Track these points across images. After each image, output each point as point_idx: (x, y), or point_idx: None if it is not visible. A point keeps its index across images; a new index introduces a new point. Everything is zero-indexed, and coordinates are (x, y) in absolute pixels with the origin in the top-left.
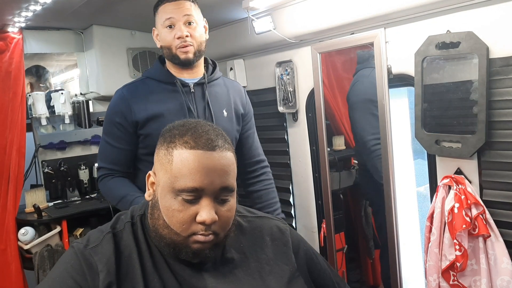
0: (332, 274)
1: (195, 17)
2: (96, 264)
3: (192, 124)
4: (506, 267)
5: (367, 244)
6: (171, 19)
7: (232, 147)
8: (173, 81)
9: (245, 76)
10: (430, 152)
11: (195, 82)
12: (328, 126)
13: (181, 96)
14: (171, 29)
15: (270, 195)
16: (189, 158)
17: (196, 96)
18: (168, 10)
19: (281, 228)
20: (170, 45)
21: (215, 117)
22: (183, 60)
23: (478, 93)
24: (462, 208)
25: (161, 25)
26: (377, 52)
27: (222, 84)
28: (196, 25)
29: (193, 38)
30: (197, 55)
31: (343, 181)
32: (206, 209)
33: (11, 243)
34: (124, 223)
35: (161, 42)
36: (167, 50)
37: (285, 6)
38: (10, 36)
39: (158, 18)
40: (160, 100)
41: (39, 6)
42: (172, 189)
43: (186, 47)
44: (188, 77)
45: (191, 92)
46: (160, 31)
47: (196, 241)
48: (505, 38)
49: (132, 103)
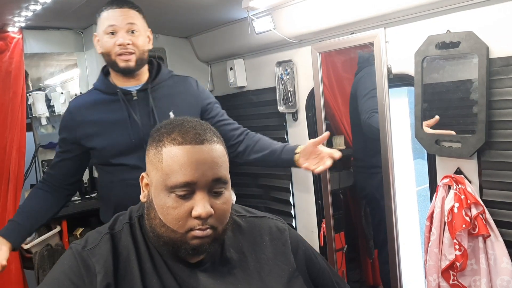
0: (331, 274)
1: (138, 25)
2: (94, 265)
3: (178, 121)
4: (506, 267)
5: (367, 243)
6: (114, 26)
7: (221, 140)
8: (114, 91)
9: (245, 76)
10: (430, 152)
11: (138, 89)
12: (328, 126)
13: (123, 106)
14: (112, 36)
15: (267, 139)
16: (178, 153)
17: (139, 103)
18: (111, 16)
19: (280, 227)
20: (110, 51)
21: (159, 121)
22: (123, 68)
23: (478, 93)
24: (462, 208)
25: (102, 31)
26: (377, 52)
27: (170, 85)
28: (139, 34)
29: (135, 46)
30: (138, 64)
31: (343, 181)
32: (200, 203)
33: None
34: (122, 224)
35: (101, 49)
36: (107, 57)
37: (285, 6)
38: (10, 36)
39: (100, 24)
40: (103, 112)
41: (39, 6)
42: (165, 187)
43: (127, 54)
44: (131, 84)
45: (134, 100)
46: (101, 37)
47: (194, 237)
48: (505, 38)
49: (76, 117)
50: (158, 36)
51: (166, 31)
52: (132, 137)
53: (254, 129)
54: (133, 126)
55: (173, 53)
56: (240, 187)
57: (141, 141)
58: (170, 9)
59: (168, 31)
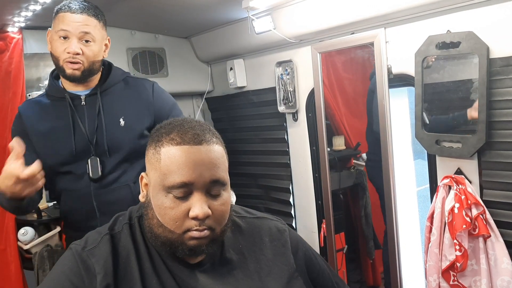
0: (331, 275)
1: (93, 34)
2: (94, 266)
3: (178, 122)
4: (506, 267)
5: (367, 244)
6: (66, 31)
7: (221, 141)
8: (63, 95)
9: (245, 76)
10: (430, 152)
11: (87, 94)
12: (328, 126)
13: (69, 112)
14: (64, 41)
15: None
16: (176, 154)
17: (88, 109)
18: (66, 20)
19: (279, 228)
20: (59, 56)
21: (107, 128)
22: (69, 75)
23: (479, 93)
24: (462, 208)
25: (55, 32)
26: (377, 52)
27: (121, 88)
28: (93, 43)
29: (85, 57)
30: (85, 74)
31: (343, 181)
32: (198, 203)
33: (11, 243)
34: (122, 224)
35: (51, 49)
36: (55, 60)
37: (285, 6)
38: (10, 36)
39: (54, 23)
40: (49, 117)
41: (39, 6)
42: (163, 187)
43: (74, 64)
44: (81, 89)
45: (82, 105)
46: (53, 38)
47: (191, 238)
48: (505, 38)
49: (26, 122)
50: (158, 36)
51: (166, 31)
52: (77, 144)
53: (254, 129)
54: (76, 133)
55: (173, 53)
56: (240, 187)
57: (88, 147)
58: (170, 9)
59: (168, 31)
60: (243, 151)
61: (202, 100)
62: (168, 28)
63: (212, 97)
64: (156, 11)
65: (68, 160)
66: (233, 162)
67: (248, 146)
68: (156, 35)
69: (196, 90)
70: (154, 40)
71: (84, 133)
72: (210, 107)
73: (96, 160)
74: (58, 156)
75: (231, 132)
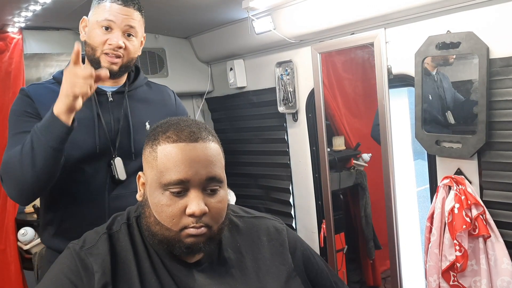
0: (330, 274)
1: (136, 29)
2: (92, 264)
3: (174, 121)
4: (506, 267)
5: (367, 244)
6: (111, 22)
7: (217, 139)
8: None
9: (245, 77)
10: (430, 152)
11: (114, 91)
12: (328, 126)
13: (93, 105)
14: (106, 31)
15: None
16: (172, 151)
17: (114, 106)
18: (113, 11)
19: (277, 228)
20: (97, 47)
21: (133, 129)
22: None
23: (479, 94)
24: (462, 209)
25: (96, 21)
26: (377, 52)
27: (145, 91)
28: (135, 39)
29: (126, 51)
30: (122, 69)
31: (343, 181)
32: (194, 200)
33: (11, 243)
34: (120, 224)
35: (87, 38)
36: (91, 50)
37: (285, 6)
38: (10, 36)
39: (96, 11)
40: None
41: (39, 6)
42: (159, 185)
43: (115, 57)
44: (109, 84)
45: (109, 101)
46: (92, 27)
47: (188, 235)
48: (505, 38)
49: (38, 105)
50: (158, 37)
51: (166, 31)
52: (99, 141)
53: (254, 129)
54: (100, 129)
55: (173, 54)
56: (240, 187)
57: (108, 147)
58: (170, 9)
59: (168, 31)
60: (243, 151)
61: (202, 101)
62: (168, 28)
63: (212, 97)
64: (156, 11)
65: (87, 157)
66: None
67: (248, 146)
68: (156, 35)
69: (196, 91)
70: (154, 40)
71: (107, 132)
72: (210, 107)
73: (121, 162)
74: (79, 151)
75: (231, 132)
